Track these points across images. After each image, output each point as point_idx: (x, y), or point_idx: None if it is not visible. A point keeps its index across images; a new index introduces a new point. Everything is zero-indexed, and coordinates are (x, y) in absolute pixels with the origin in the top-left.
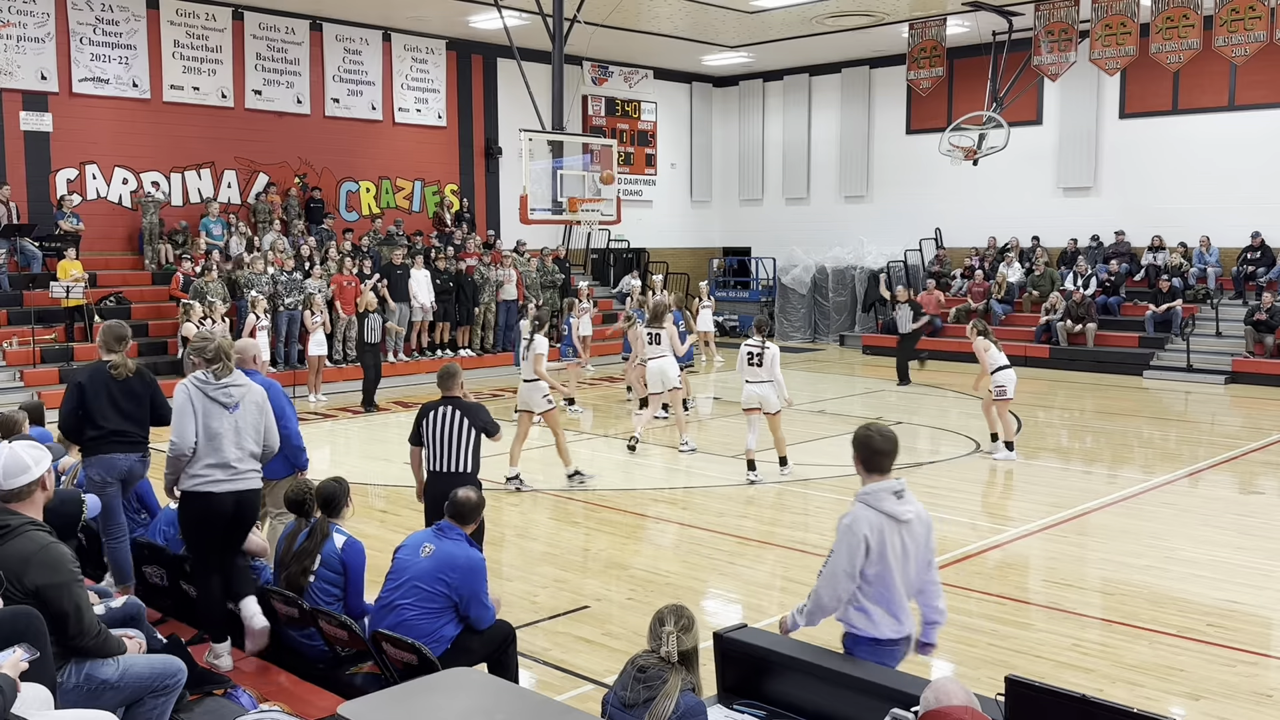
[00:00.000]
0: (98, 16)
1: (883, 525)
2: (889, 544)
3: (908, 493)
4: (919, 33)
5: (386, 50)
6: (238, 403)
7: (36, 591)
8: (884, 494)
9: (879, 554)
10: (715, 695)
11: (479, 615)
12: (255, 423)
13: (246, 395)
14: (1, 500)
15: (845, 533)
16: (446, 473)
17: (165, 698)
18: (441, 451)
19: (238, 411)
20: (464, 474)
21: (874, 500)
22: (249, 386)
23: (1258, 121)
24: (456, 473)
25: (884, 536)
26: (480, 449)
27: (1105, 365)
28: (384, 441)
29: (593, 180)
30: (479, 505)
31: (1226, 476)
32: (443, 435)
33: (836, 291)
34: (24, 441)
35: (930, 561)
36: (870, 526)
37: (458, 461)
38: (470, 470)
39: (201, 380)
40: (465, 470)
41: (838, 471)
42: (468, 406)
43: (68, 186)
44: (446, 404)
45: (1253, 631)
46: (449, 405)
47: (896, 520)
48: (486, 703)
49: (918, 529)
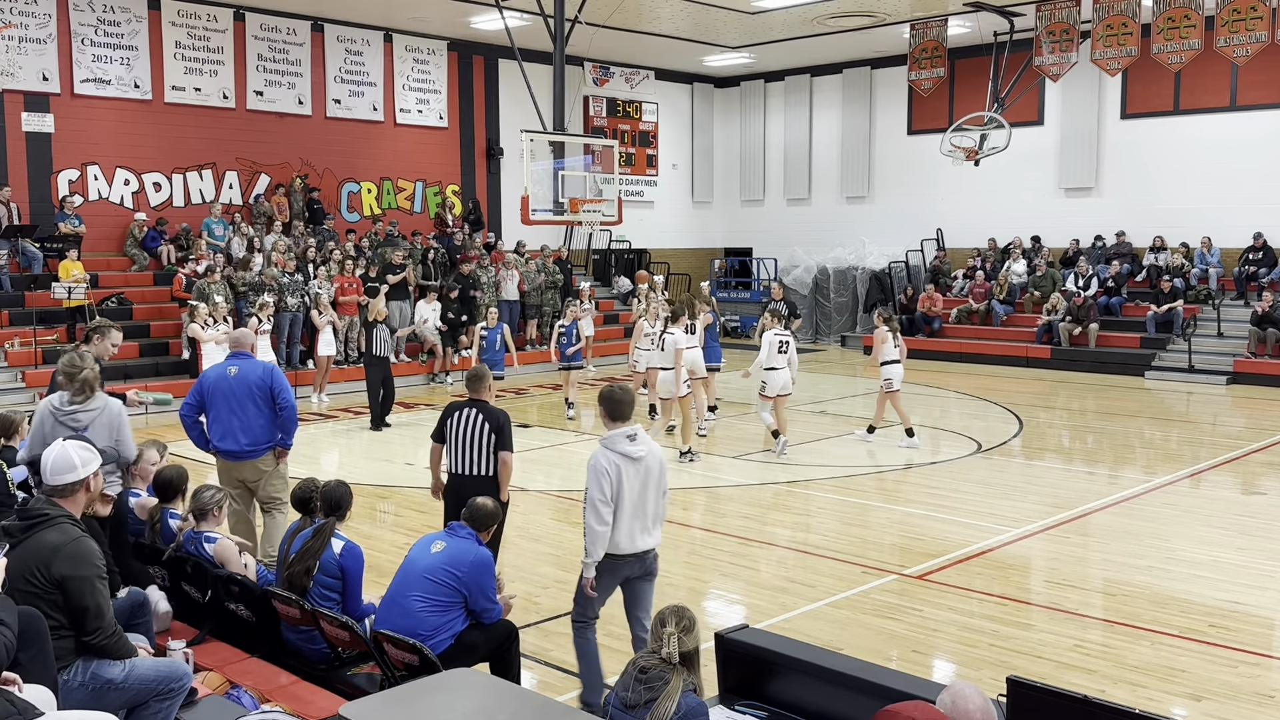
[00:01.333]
0: (99, 17)
1: (619, 462)
2: (625, 477)
3: (641, 435)
4: (920, 33)
5: (388, 51)
6: (87, 426)
7: (61, 582)
8: (620, 438)
9: (617, 485)
10: (717, 696)
11: (485, 609)
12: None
13: (98, 419)
14: (46, 494)
15: (591, 470)
16: (466, 475)
17: (169, 701)
18: (462, 453)
19: (87, 434)
20: (484, 477)
21: (612, 444)
22: (103, 409)
23: (1259, 122)
24: (476, 475)
25: (620, 471)
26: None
27: (1107, 366)
28: (386, 442)
29: (594, 181)
30: (495, 514)
31: (1228, 477)
32: (465, 437)
33: (838, 292)
34: (76, 442)
35: (664, 491)
36: (609, 462)
37: (478, 464)
38: (490, 473)
39: (56, 406)
40: (485, 473)
41: (839, 472)
42: (491, 411)
43: (69, 187)
44: (472, 406)
45: (1255, 632)
46: (474, 408)
47: (630, 458)
48: (488, 703)
49: (652, 464)
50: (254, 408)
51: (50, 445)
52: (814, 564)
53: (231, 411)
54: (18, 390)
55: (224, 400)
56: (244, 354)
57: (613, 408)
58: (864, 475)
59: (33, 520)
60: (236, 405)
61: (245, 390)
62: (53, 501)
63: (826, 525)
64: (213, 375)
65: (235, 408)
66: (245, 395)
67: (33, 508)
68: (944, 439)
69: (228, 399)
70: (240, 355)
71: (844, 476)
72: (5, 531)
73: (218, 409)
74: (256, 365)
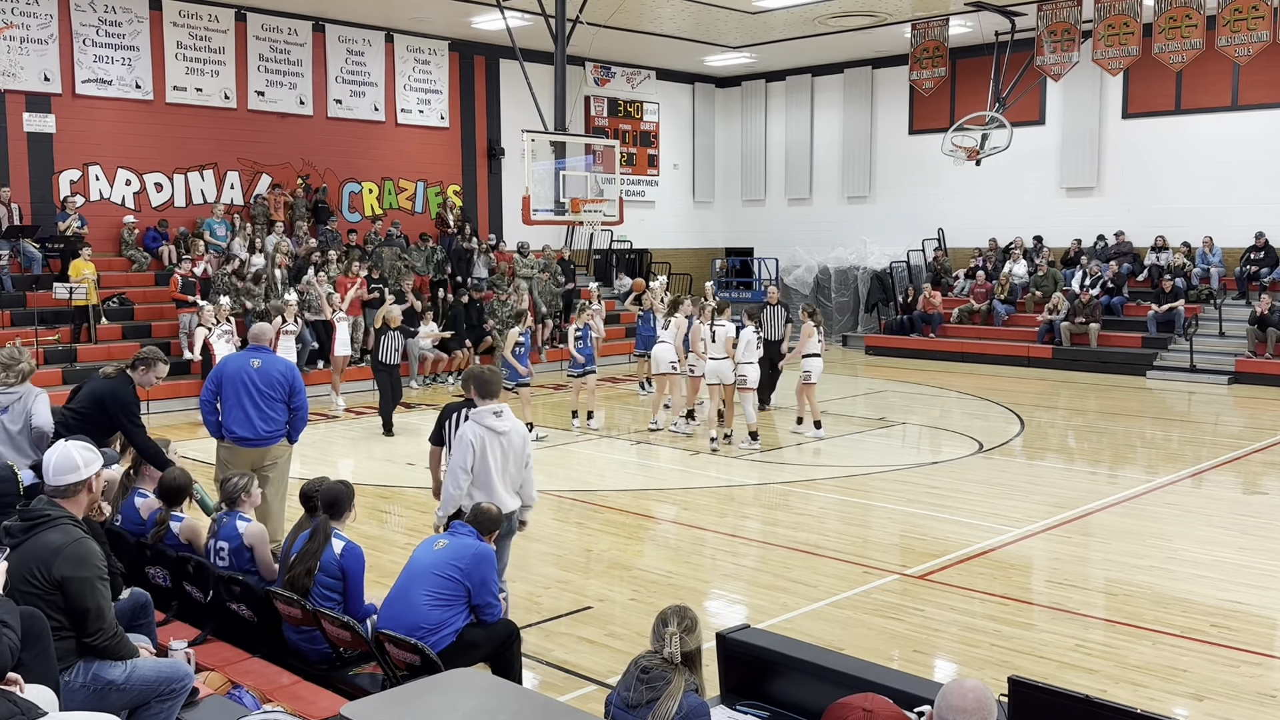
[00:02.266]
0: (100, 18)
1: (484, 435)
2: (489, 449)
3: (506, 413)
4: (921, 33)
5: (389, 51)
6: (6, 408)
7: (61, 583)
8: (487, 414)
9: (481, 456)
10: (718, 696)
11: (488, 603)
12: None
13: (15, 404)
14: (48, 494)
15: (458, 442)
16: None
17: (171, 702)
18: None
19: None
20: None
21: (479, 418)
22: (22, 396)
23: (1261, 121)
24: None
25: (485, 443)
26: None
27: (1108, 365)
28: (387, 442)
29: (595, 181)
30: (499, 519)
31: (1230, 477)
32: None
33: (839, 292)
34: (79, 442)
35: (527, 463)
36: (475, 436)
37: None
38: None
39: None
40: None
41: (840, 472)
42: None
43: (70, 188)
44: (470, 407)
45: (1257, 632)
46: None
47: (495, 432)
48: (489, 703)
49: (514, 439)
50: (274, 401)
51: (53, 446)
52: (815, 564)
53: (253, 402)
54: None
55: (245, 390)
56: (264, 348)
57: (482, 386)
58: (865, 475)
59: (34, 521)
60: (259, 397)
61: (267, 383)
62: (54, 502)
63: (828, 525)
64: (233, 367)
65: (257, 399)
66: (267, 388)
67: (34, 508)
68: (945, 439)
69: (249, 390)
70: (261, 349)
71: (846, 476)
72: (7, 532)
73: (238, 397)
74: (279, 362)
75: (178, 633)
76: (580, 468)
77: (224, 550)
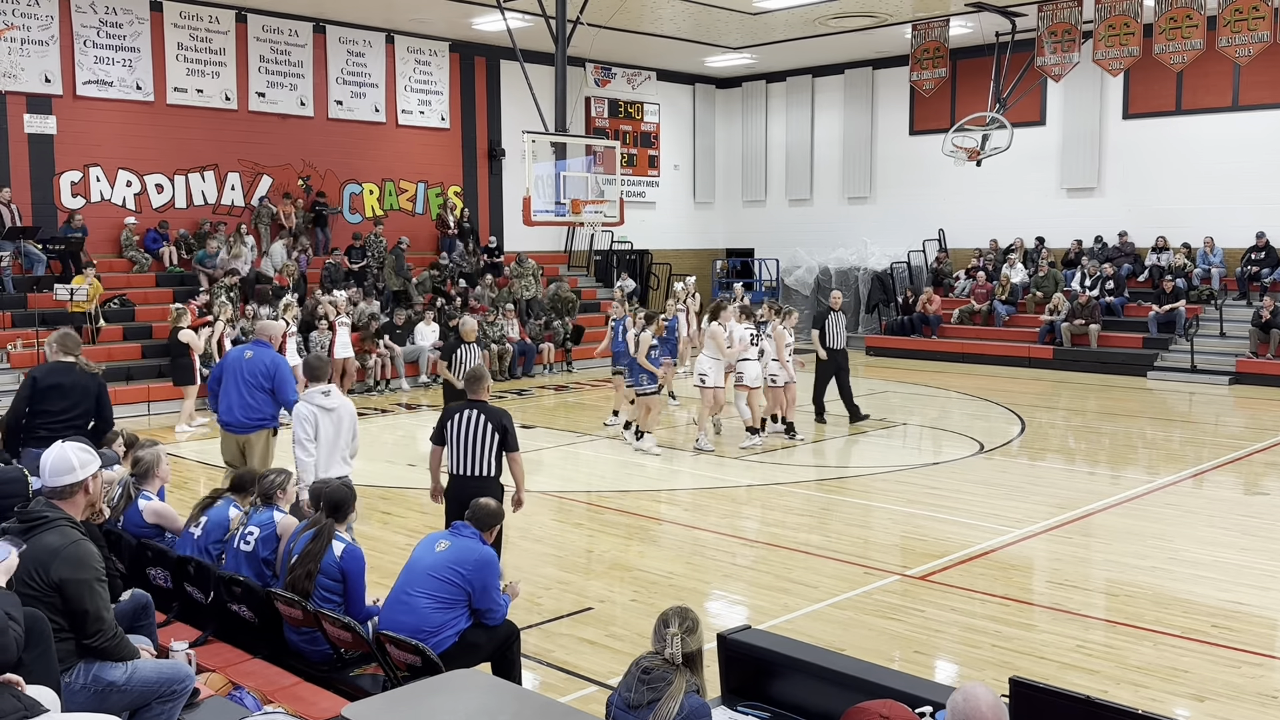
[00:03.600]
0: (101, 19)
1: (316, 412)
2: (321, 423)
3: (334, 392)
4: (922, 34)
5: (389, 52)
6: None
7: (59, 585)
8: (316, 394)
9: (315, 428)
10: (719, 697)
11: (489, 607)
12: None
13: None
14: (45, 496)
15: (295, 418)
16: (468, 476)
17: (172, 704)
18: (464, 455)
19: None
20: (486, 478)
21: (309, 398)
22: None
23: (1262, 122)
24: (478, 477)
25: (317, 418)
26: (503, 454)
27: (1109, 366)
28: (388, 444)
29: (596, 182)
30: (498, 513)
31: (1231, 477)
32: (466, 438)
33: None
34: (75, 443)
35: (355, 433)
36: (309, 411)
37: (480, 466)
38: (492, 475)
39: None
40: (487, 474)
41: (842, 472)
42: (493, 412)
43: (71, 189)
44: (472, 407)
45: (1258, 632)
46: (474, 409)
47: (325, 409)
48: (490, 704)
49: (342, 414)
50: (257, 390)
51: (51, 447)
52: (816, 564)
53: (238, 391)
54: None
55: (234, 379)
56: (263, 343)
57: (311, 371)
58: (866, 476)
59: (32, 523)
60: (243, 386)
61: (253, 373)
62: (52, 504)
63: (829, 526)
64: (231, 357)
65: (243, 387)
66: (252, 378)
67: (32, 510)
68: (946, 439)
69: (237, 378)
70: (259, 343)
71: (846, 477)
72: (4, 534)
73: (226, 385)
74: (268, 354)
75: (179, 634)
76: (581, 468)
77: (251, 536)
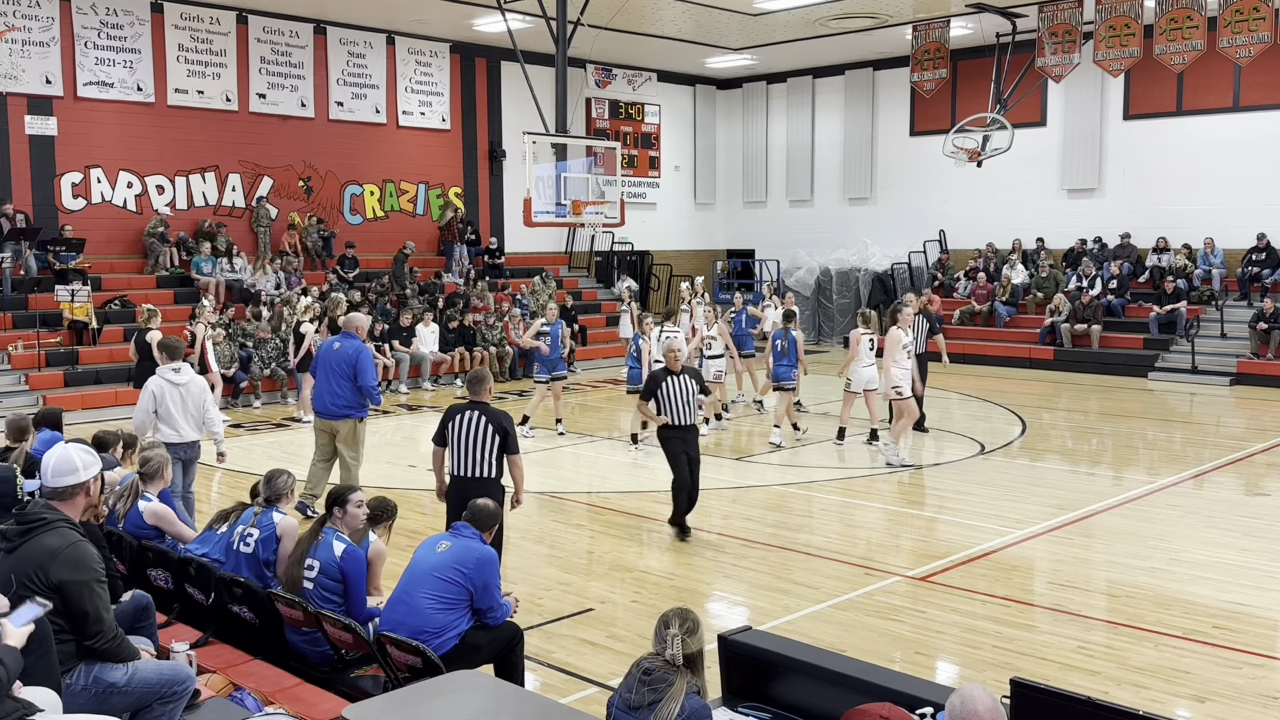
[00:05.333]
0: (102, 21)
1: (164, 386)
2: (169, 396)
3: (184, 369)
4: (923, 34)
5: (390, 53)
6: None
7: (59, 587)
8: (168, 370)
9: (163, 400)
10: (720, 698)
11: (491, 607)
12: None
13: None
14: (45, 496)
15: (144, 390)
16: (469, 477)
17: (173, 705)
18: (465, 456)
19: None
20: (486, 479)
21: (162, 374)
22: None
23: (1262, 122)
24: (478, 478)
25: (164, 392)
26: (504, 456)
27: (1110, 367)
28: (388, 444)
29: (596, 183)
30: (496, 514)
31: (1232, 478)
32: (467, 440)
33: (840, 294)
34: (79, 445)
35: (204, 405)
36: (157, 387)
37: (480, 467)
38: (493, 476)
39: None
40: (488, 475)
41: (842, 473)
42: (494, 414)
43: (72, 190)
44: (473, 408)
45: (1259, 633)
46: (476, 410)
47: (174, 384)
48: (491, 705)
49: (192, 388)
50: (341, 379)
51: (53, 448)
52: (817, 565)
53: (326, 380)
54: (21, 393)
55: (323, 369)
56: (350, 334)
57: (167, 350)
58: (867, 477)
59: (31, 524)
60: (330, 375)
61: (338, 362)
62: (51, 505)
63: (829, 527)
64: (323, 349)
65: (329, 377)
66: (338, 366)
67: (31, 511)
68: (947, 440)
69: (325, 368)
70: (346, 335)
71: (847, 478)
72: (3, 535)
73: (318, 375)
74: (352, 345)
75: (179, 635)
76: (581, 469)
77: (251, 538)
